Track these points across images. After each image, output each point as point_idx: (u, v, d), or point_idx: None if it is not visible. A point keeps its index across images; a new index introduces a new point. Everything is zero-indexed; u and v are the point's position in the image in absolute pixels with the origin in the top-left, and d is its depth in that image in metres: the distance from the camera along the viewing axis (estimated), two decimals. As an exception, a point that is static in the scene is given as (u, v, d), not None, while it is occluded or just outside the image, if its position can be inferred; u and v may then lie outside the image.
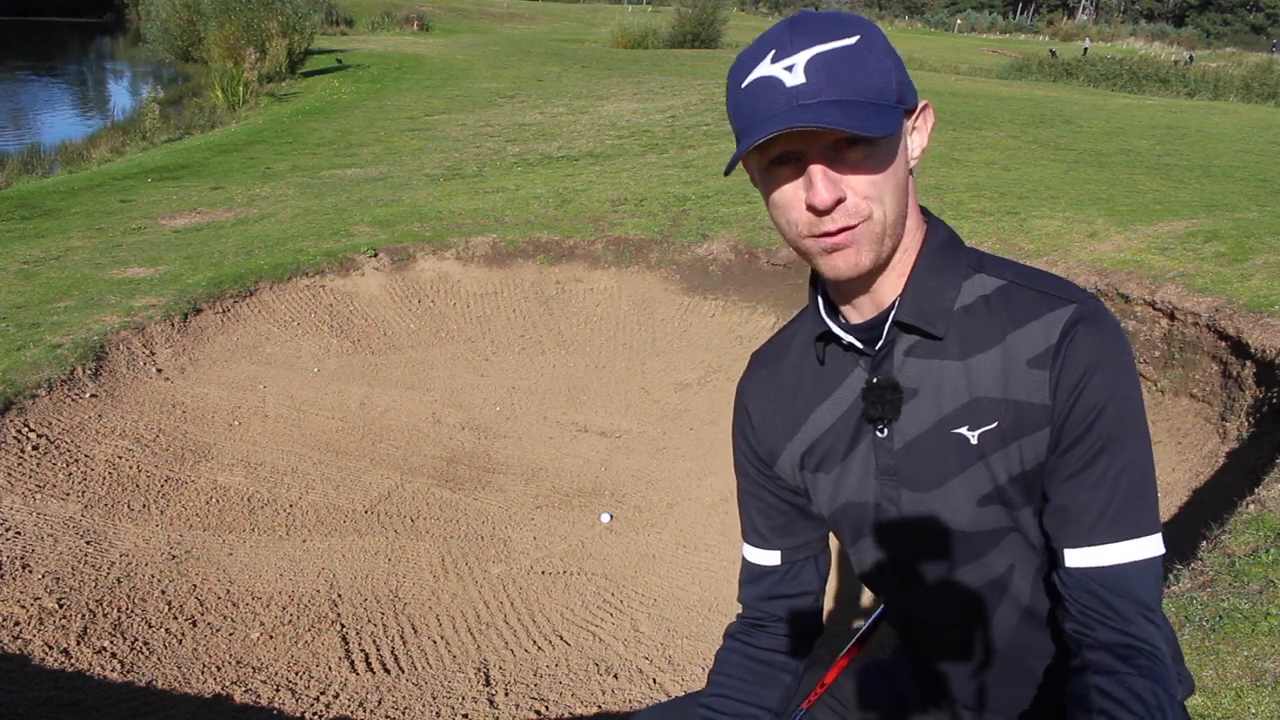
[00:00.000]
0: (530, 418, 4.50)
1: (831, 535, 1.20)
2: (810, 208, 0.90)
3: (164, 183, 8.41)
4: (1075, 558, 0.94)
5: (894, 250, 0.97)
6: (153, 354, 4.34)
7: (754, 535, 1.20)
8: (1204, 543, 2.59)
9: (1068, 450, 0.94)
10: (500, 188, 7.44)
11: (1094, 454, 0.93)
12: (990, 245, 5.16)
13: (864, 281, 0.99)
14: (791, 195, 0.92)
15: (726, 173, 0.95)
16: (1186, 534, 2.74)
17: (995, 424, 0.96)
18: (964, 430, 0.97)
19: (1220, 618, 2.16)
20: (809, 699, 1.21)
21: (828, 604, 2.99)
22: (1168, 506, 3.30)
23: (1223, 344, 3.76)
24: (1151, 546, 0.94)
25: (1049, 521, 0.97)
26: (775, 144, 0.89)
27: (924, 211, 1.04)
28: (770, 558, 1.18)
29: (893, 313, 0.99)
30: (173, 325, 4.54)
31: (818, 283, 1.07)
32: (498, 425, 4.41)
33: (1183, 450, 3.61)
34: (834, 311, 1.06)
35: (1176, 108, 13.20)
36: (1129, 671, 0.90)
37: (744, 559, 1.22)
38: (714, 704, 1.15)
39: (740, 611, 1.24)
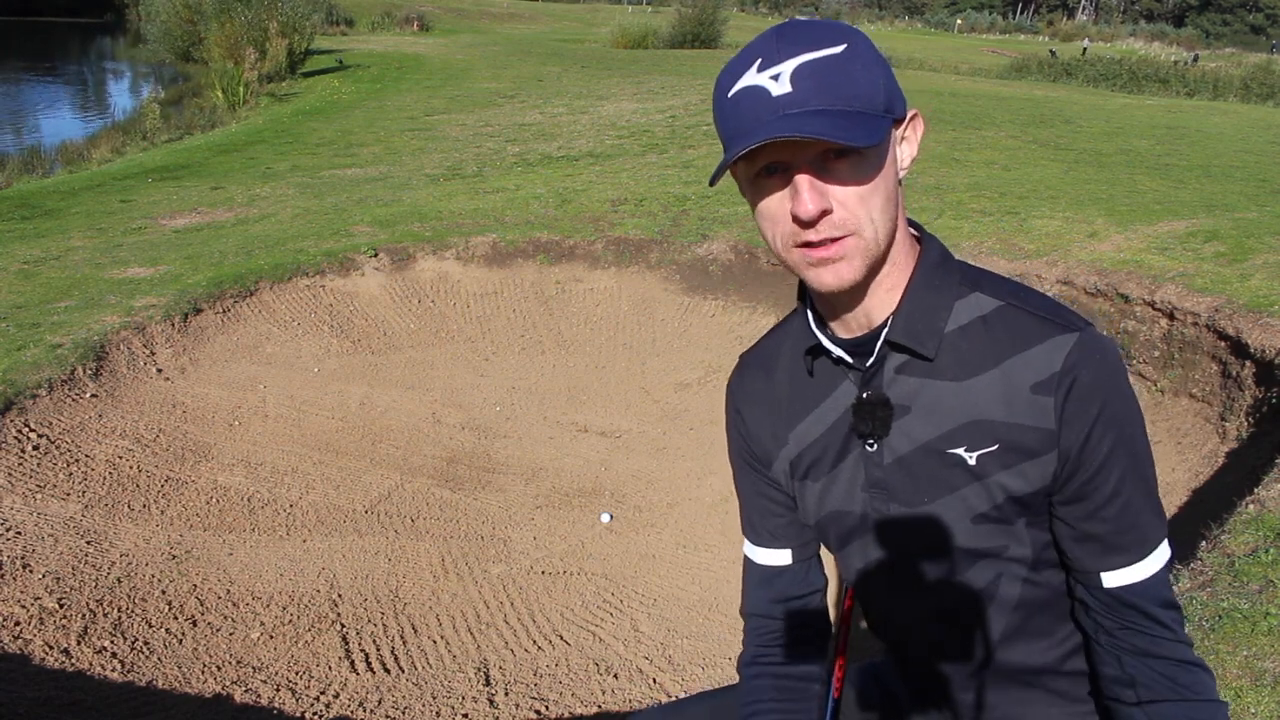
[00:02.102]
0: (530, 418, 4.50)
1: None
2: (795, 219, 0.90)
3: (164, 183, 8.41)
4: (1113, 579, 0.97)
5: (882, 264, 0.96)
6: (153, 354, 4.35)
7: (764, 536, 1.17)
8: (1204, 543, 2.59)
9: (1090, 481, 0.95)
10: (500, 188, 7.44)
11: (1117, 483, 0.95)
12: (990, 245, 5.16)
13: (851, 296, 0.98)
14: (777, 206, 0.91)
15: (712, 183, 0.93)
16: (1186, 534, 2.74)
17: (996, 446, 0.96)
18: (961, 451, 0.98)
19: (1220, 618, 2.16)
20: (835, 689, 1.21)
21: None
22: (1168, 506, 3.29)
23: (1222, 344, 3.76)
24: (1167, 548, 0.99)
25: (1077, 549, 0.98)
26: (762, 154, 0.89)
27: (915, 225, 1.03)
28: (781, 557, 1.17)
29: (884, 332, 0.99)
30: (173, 325, 4.54)
31: (806, 293, 1.06)
32: (498, 425, 4.41)
33: (1183, 450, 3.61)
34: (822, 323, 1.05)
35: (1176, 108, 13.20)
36: (1184, 697, 0.95)
37: (751, 563, 1.19)
38: None
39: (747, 630, 1.20)
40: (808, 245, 0.91)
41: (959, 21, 56.13)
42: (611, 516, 3.74)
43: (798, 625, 1.17)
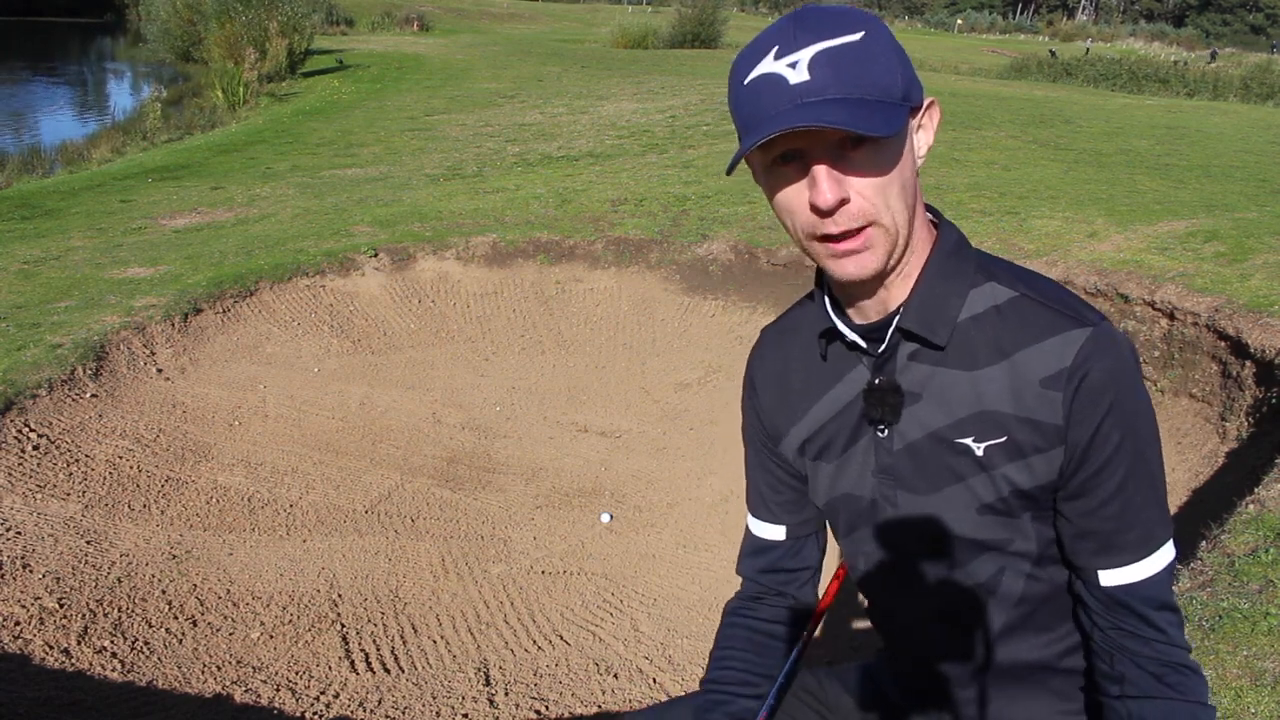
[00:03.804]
0: (530, 418, 4.50)
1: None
2: (814, 208, 0.89)
3: (164, 183, 8.41)
4: (1110, 577, 0.97)
5: (902, 252, 0.96)
6: (153, 354, 4.35)
7: (761, 509, 1.20)
8: (1204, 543, 2.59)
9: (1094, 477, 0.94)
10: (500, 188, 7.44)
11: (1121, 481, 0.94)
12: (990, 245, 5.16)
13: (870, 284, 0.97)
14: (795, 196, 0.91)
15: (729, 172, 0.93)
16: (1186, 534, 2.74)
17: (1004, 439, 0.96)
18: (969, 441, 0.97)
19: (1220, 618, 2.16)
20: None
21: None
22: (1168, 502, 3.30)
23: (1222, 344, 3.76)
24: (1171, 549, 0.98)
25: (1077, 545, 0.98)
26: (778, 143, 0.88)
27: (932, 211, 1.03)
28: (776, 532, 1.20)
29: (896, 319, 0.98)
30: (173, 325, 4.54)
31: (824, 278, 1.06)
32: (498, 425, 4.41)
33: (1183, 450, 3.61)
34: (839, 307, 1.05)
35: (1176, 108, 13.20)
36: (1167, 695, 0.94)
37: (748, 530, 1.23)
38: (718, 676, 1.17)
39: (740, 587, 1.25)
40: (828, 238, 0.91)
41: (959, 21, 56.12)
42: (611, 516, 3.74)
43: (781, 594, 1.21)
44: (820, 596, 1.28)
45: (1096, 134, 9.47)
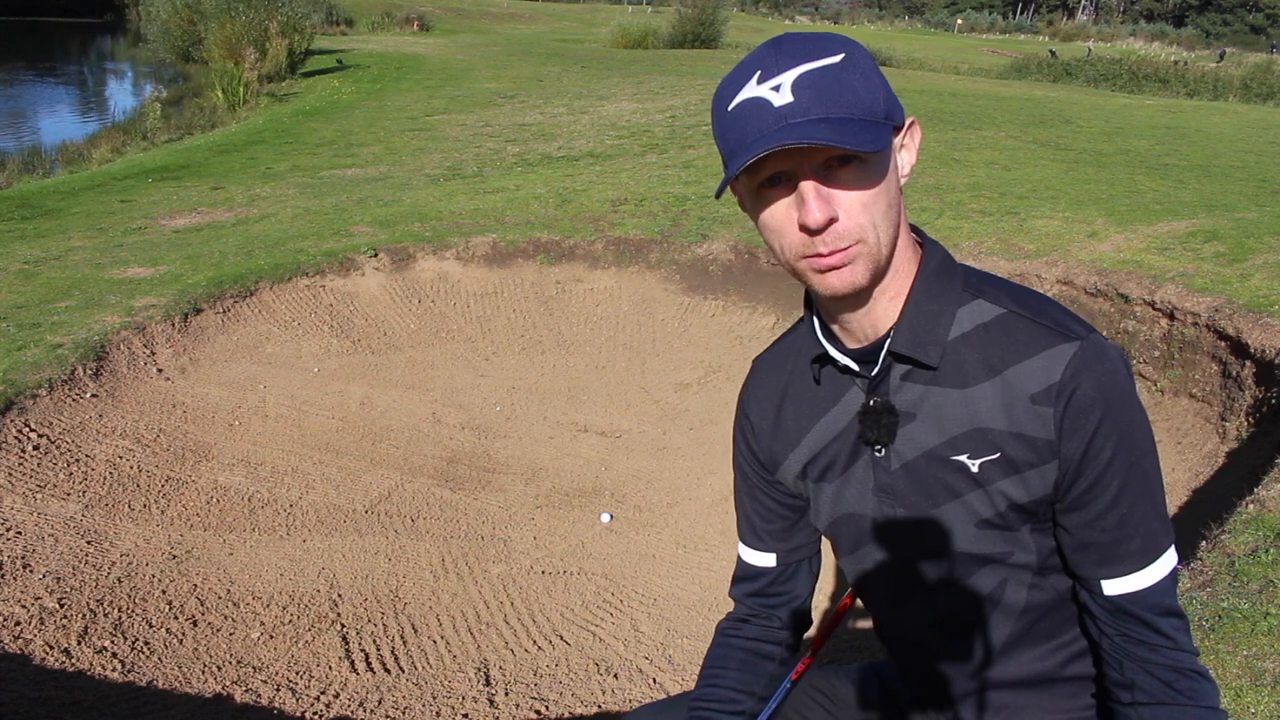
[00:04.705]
0: (530, 418, 4.50)
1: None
2: (803, 227, 0.90)
3: (164, 183, 8.41)
4: (1114, 587, 0.97)
5: (885, 270, 0.96)
6: (153, 354, 4.35)
7: (751, 537, 1.21)
8: (1204, 542, 2.59)
9: (1090, 490, 0.95)
10: (500, 188, 7.44)
11: (1117, 493, 0.95)
12: (990, 245, 5.16)
13: (857, 304, 0.98)
14: (783, 216, 0.92)
15: (717, 196, 0.94)
16: (1186, 534, 2.74)
17: (998, 455, 0.97)
18: (964, 458, 0.98)
19: (1220, 617, 2.16)
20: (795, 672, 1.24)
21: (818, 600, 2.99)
22: (1168, 507, 3.29)
23: (1222, 344, 3.76)
24: (1173, 556, 0.99)
25: (1079, 556, 0.99)
26: (765, 165, 0.89)
27: (917, 231, 1.04)
28: (766, 560, 1.20)
29: (888, 342, 0.99)
30: (173, 325, 4.54)
31: (814, 304, 1.07)
32: (498, 425, 4.41)
33: (1183, 450, 3.61)
34: (829, 332, 1.06)
35: (1176, 108, 13.20)
36: (1179, 701, 0.95)
37: (739, 558, 1.24)
38: (704, 694, 1.18)
39: (732, 609, 1.26)
40: (815, 255, 0.92)
41: (959, 21, 56.15)
42: (611, 516, 3.74)
43: (771, 618, 1.22)
44: (819, 619, 1.28)
45: (1096, 134, 9.47)
